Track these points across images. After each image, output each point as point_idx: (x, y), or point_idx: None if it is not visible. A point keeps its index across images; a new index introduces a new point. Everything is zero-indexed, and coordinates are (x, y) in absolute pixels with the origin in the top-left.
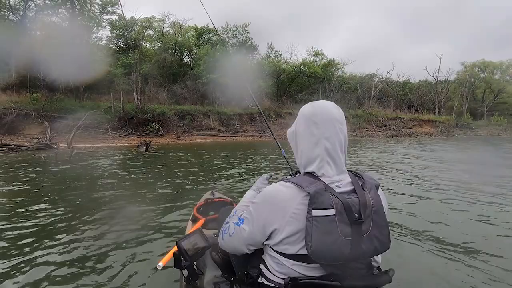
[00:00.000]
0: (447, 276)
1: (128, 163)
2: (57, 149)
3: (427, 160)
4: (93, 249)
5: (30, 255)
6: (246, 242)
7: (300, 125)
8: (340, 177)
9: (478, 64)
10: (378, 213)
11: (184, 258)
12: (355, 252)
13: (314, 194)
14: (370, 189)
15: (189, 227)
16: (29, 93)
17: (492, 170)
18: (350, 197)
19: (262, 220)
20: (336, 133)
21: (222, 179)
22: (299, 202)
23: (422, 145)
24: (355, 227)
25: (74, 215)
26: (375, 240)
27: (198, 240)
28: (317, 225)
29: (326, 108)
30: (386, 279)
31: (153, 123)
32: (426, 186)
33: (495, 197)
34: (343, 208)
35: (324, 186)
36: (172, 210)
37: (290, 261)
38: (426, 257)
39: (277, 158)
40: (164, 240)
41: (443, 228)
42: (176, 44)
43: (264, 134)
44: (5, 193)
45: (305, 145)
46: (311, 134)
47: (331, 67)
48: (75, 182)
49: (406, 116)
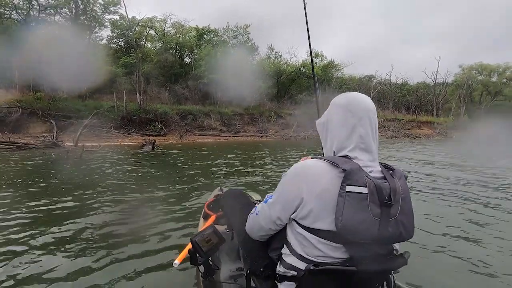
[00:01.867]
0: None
1: (135, 162)
2: (67, 148)
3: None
4: (106, 251)
5: (48, 250)
6: (275, 216)
7: (334, 114)
8: (372, 164)
9: (476, 66)
10: (405, 201)
11: (200, 254)
12: (382, 233)
13: (350, 171)
14: (399, 178)
15: (201, 224)
16: (32, 92)
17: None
18: (382, 182)
19: (291, 191)
20: (370, 121)
21: (229, 176)
22: (333, 177)
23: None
24: (385, 209)
25: (88, 213)
26: (401, 225)
27: (211, 235)
28: (349, 200)
29: (361, 98)
30: (402, 262)
31: (155, 122)
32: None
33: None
34: (375, 188)
35: (359, 166)
36: (183, 208)
37: (316, 238)
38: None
39: (281, 156)
40: (177, 238)
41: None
42: (177, 44)
43: (265, 134)
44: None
45: (339, 133)
46: (346, 122)
47: (331, 68)
48: (91, 181)
49: (405, 118)
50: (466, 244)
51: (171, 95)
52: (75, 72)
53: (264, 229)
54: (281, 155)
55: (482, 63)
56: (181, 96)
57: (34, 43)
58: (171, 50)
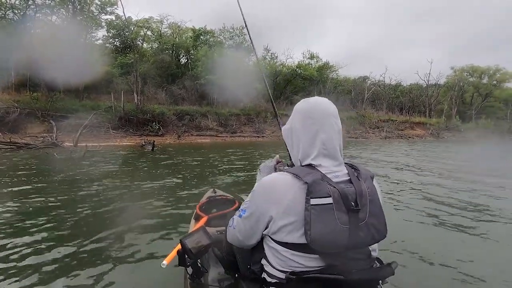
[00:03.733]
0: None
1: (136, 162)
2: (71, 148)
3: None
4: (96, 248)
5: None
6: (248, 233)
7: (296, 121)
8: (337, 168)
9: (467, 68)
10: (373, 202)
11: (188, 256)
12: (354, 240)
13: (312, 183)
14: (365, 179)
15: (192, 225)
16: (29, 92)
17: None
18: (347, 187)
19: (260, 208)
20: (331, 126)
21: (226, 177)
22: (296, 190)
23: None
24: (352, 215)
25: (81, 214)
26: (372, 228)
27: (201, 237)
28: (315, 213)
29: (321, 103)
30: (389, 272)
31: (153, 123)
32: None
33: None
34: (340, 196)
35: (321, 175)
36: (176, 208)
37: (289, 251)
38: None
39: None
40: (167, 239)
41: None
42: (174, 45)
43: (262, 134)
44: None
45: (302, 140)
46: (308, 129)
47: (326, 69)
48: (91, 181)
49: (398, 119)
50: (448, 250)
51: (168, 96)
52: (72, 71)
53: (243, 243)
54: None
55: (473, 65)
56: (178, 96)
57: (31, 43)
58: (167, 51)
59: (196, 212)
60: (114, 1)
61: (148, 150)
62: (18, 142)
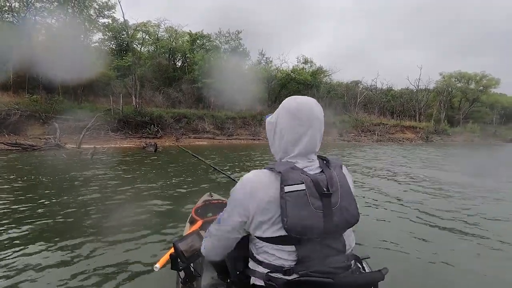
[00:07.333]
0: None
1: (140, 164)
2: (78, 150)
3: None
4: (90, 250)
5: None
6: (229, 231)
7: (282, 118)
8: (311, 163)
9: (455, 74)
10: (344, 187)
11: (181, 260)
12: (329, 224)
13: (284, 172)
14: (335, 167)
15: (187, 228)
16: (27, 95)
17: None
18: (318, 175)
19: (240, 205)
20: (316, 130)
21: (227, 181)
22: (272, 181)
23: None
24: (325, 200)
25: (75, 215)
26: (345, 212)
27: (195, 241)
28: (290, 200)
29: (309, 106)
30: (379, 277)
31: (151, 125)
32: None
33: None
34: (312, 183)
35: (294, 165)
36: (172, 211)
37: (270, 245)
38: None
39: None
40: (162, 242)
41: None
42: (170, 49)
43: (257, 137)
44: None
45: (285, 139)
46: (293, 130)
47: (320, 74)
48: (91, 180)
49: (389, 122)
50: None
51: (165, 98)
52: (70, 73)
53: (225, 244)
54: (271, 157)
55: (460, 71)
56: (175, 99)
57: (29, 45)
58: (164, 54)
59: (191, 215)
60: (112, 4)
61: (150, 151)
62: (23, 143)
